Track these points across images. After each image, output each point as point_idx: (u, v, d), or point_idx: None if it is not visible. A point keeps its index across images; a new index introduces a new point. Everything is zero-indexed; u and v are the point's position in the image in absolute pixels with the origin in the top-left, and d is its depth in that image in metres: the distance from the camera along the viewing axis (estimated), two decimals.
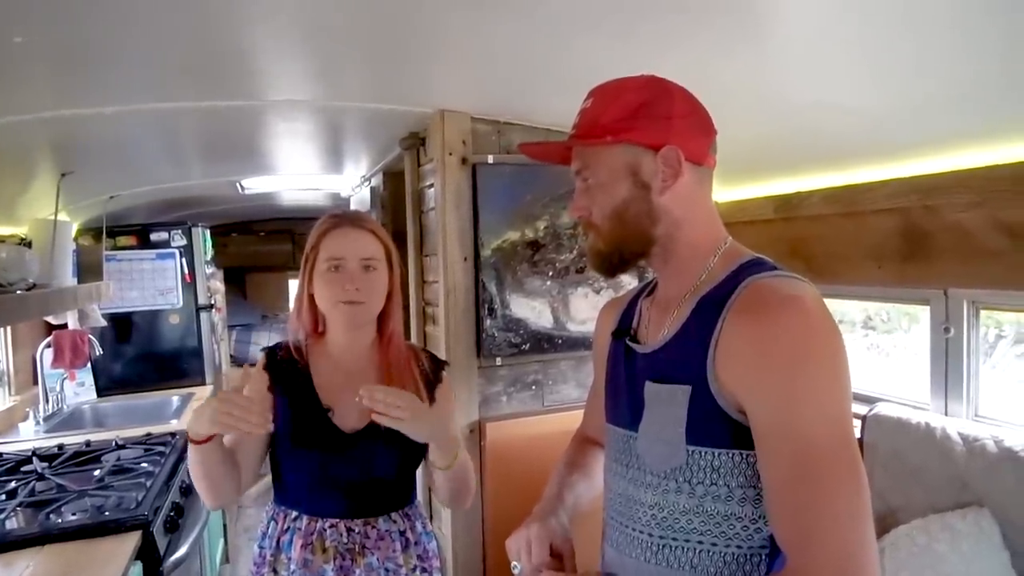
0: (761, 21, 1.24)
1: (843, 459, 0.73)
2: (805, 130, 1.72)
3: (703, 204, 0.93)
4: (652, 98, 0.87)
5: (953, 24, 1.11)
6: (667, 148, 0.86)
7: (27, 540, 1.59)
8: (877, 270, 1.86)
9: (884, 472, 1.77)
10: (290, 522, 1.31)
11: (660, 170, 0.87)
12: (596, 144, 0.89)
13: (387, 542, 1.32)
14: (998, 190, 1.47)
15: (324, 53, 1.62)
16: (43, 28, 1.24)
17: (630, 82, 0.90)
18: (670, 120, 0.87)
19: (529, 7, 1.28)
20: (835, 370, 0.77)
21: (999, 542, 1.47)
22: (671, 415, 0.85)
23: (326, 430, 1.30)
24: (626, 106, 0.87)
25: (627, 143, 0.87)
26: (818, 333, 0.77)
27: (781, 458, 0.75)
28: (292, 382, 1.34)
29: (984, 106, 1.34)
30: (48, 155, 2.18)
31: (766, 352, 0.77)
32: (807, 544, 0.72)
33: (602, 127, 0.88)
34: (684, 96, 0.90)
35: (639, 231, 0.89)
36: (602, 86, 0.92)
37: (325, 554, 1.28)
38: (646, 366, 0.92)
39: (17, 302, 1.93)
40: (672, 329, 0.90)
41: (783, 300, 0.78)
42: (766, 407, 0.77)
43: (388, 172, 3.11)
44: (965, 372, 1.75)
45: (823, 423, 0.74)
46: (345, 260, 1.30)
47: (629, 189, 0.88)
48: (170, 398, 3.18)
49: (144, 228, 3.39)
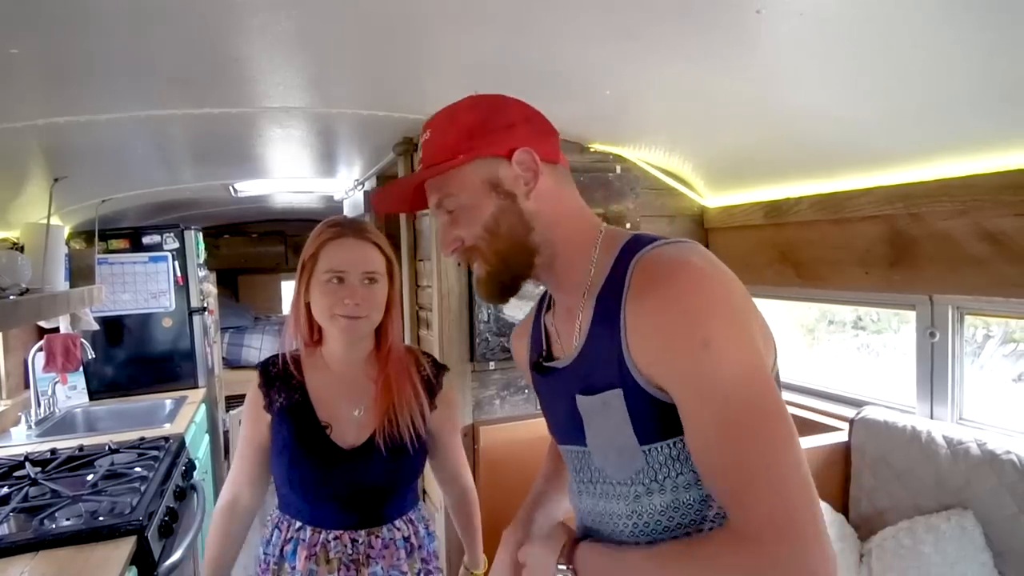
0: (751, 36, 1.26)
1: (765, 410, 0.71)
2: (793, 138, 1.75)
3: (569, 200, 0.91)
4: (487, 113, 0.86)
5: (932, 40, 1.14)
6: (520, 151, 0.84)
7: (21, 546, 1.59)
8: (864, 276, 1.89)
9: (871, 474, 1.81)
10: (293, 532, 1.31)
11: (519, 175, 0.85)
12: (447, 167, 0.86)
13: (392, 550, 1.32)
14: (980, 199, 1.51)
15: (317, 62, 1.63)
16: (37, 39, 1.24)
17: (459, 105, 0.88)
18: (512, 128, 0.85)
19: (520, 20, 1.29)
20: (737, 321, 0.74)
21: (982, 543, 1.50)
22: (614, 423, 0.82)
23: (325, 447, 1.29)
24: (464, 126, 0.85)
25: (479, 157, 0.85)
26: (710, 290, 0.75)
27: (702, 422, 0.73)
28: (289, 399, 1.33)
29: (965, 116, 1.37)
30: (41, 161, 2.18)
31: (665, 324, 0.75)
32: (745, 504, 0.70)
33: (447, 150, 0.85)
34: (518, 104, 0.89)
35: (517, 241, 0.87)
36: (434, 117, 0.90)
37: (329, 565, 1.28)
38: (570, 380, 0.89)
39: (10, 308, 1.93)
40: (582, 336, 0.88)
41: (670, 269, 0.77)
42: (678, 377, 0.75)
43: (382, 176, 3.11)
44: (950, 376, 1.78)
45: (736, 378, 0.71)
46: (347, 273, 1.27)
47: (495, 202, 0.86)
48: (163, 401, 3.18)
49: (136, 231, 3.39)
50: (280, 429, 1.32)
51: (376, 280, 1.29)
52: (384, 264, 1.31)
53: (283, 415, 1.32)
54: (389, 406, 1.31)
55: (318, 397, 1.33)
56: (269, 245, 6.13)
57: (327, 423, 1.31)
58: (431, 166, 0.87)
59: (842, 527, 1.78)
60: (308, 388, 1.34)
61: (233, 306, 5.73)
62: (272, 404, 1.33)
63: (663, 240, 0.83)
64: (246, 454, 1.36)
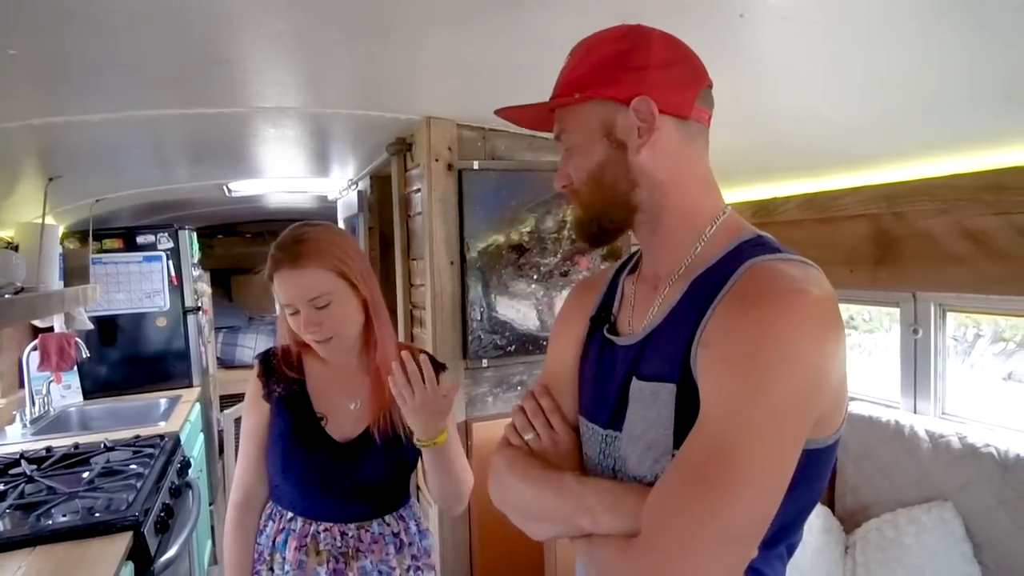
0: (735, 40, 1.29)
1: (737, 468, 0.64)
2: (780, 139, 1.78)
3: (694, 166, 0.81)
4: (628, 48, 0.78)
5: (914, 43, 1.17)
6: (638, 100, 0.76)
7: (18, 542, 1.61)
8: (849, 274, 1.92)
9: (855, 469, 1.84)
10: (285, 523, 1.33)
11: (634, 125, 0.77)
12: (564, 103, 0.82)
13: (381, 545, 1.34)
14: (962, 198, 1.54)
15: (312, 62, 1.64)
16: (33, 40, 1.26)
17: (606, 34, 0.81)
18: (645, 70, 0.77)
19: (511, 23, 1.32)
20: (799, 380, 0.66)
21: (962, 534, 1.54)
22: (655, 415, 0.75)
23: (319, 438, 1.31)
24: (598, 60, 0.79)
25: (597, 99, 0.78)
26: (806, 336, 0.66)
27: (688, 444, 0.69)
28: (287, 389, 1.35)
29: (946, 118, 1.41)
30: (35, 160, 2.19)
31: (735, 344, 0.68)
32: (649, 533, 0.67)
33: (571, 84, 0.80)
34: (666, 43, 0.80)
35: (618, 196, 0.80)
36: (580, 42, 0.84)
37: (319, 557, 1.29)
38: (628, 359, 0.82)
39: (5, 307, 1.94)
40: (660, 314, 0.80)
41: (786, 293, 0.68)
42: (708, 395, 0.69)
43: (375, 176, 3.13)
44: (932, 372, 1.82)
45: (743, 426, 0.65)
46: (295, 304, 1.25)
47: (605, 150, 0.79)
48: (157, 400, 3.20)
49: (130, 231, 3.40)
50: (277, 419, 1.34)
51: (329, 301, 1.25)
52: (331, 282, 1.25)
53: (281, 405, 1.34)
54: (383, 401, 1.32)
55: (315, 389, 1.35)
56: (263, 245, 6.05)
57: (323, 415, 1.33)
58: (554, 97, 0.83)
59: (827, 520, 1.81)
60: (306, 379, 1.36)
61: (227, 306, 5.74)
62: (271, 393, 1.35)
63: (789, 255, 0.75)
64: (250, 448, 1.37)
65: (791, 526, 0.78)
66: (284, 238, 1.29)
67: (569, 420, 0.93)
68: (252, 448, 1.37)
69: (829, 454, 0.76)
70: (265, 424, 1.36)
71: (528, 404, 0.94)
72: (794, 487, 0.68)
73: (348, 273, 1.27)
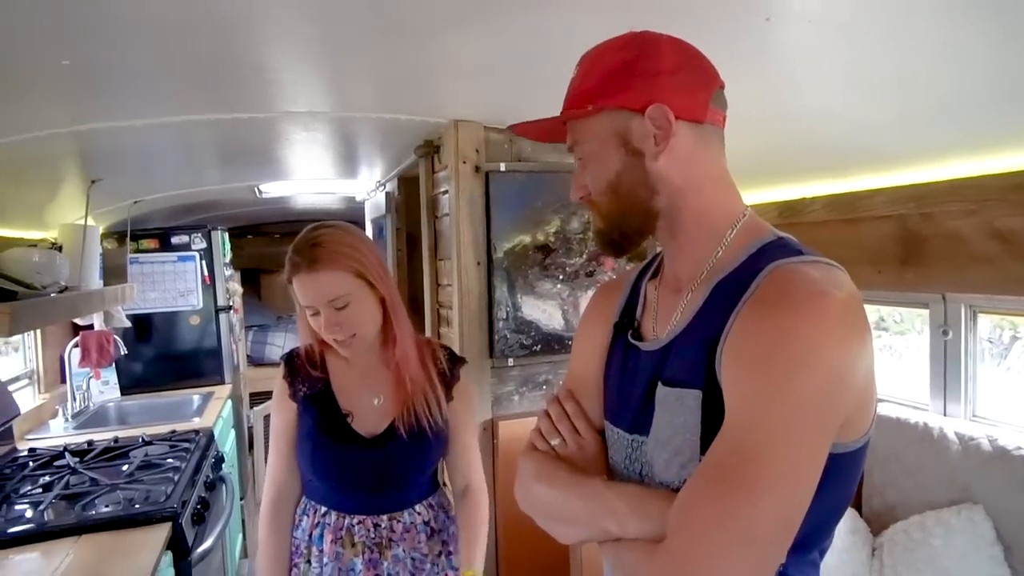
0: (762, 43, 1.30)
1: (760, 470, 0.64)
2: (806, 140, 1.78)
3: (710, 168, 0.81)
4: (635, 55, 0.78)
5: (939, 43, 1.17)
6: (653, 107, 0.76)
7: (65, 530, 1.68)
8: (877, 275, 1.91)
9: (883, 470, 1.83)
10: (320, 517, 1.38)
11: (650, 132, 0.77)
12: (576, 115, 0.81)
13: (412, 534, 1.38)
14: (989, 199, 1.53)
15: (341, 67, 1.69)
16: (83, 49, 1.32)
17: (612, 43, 0.81)
18: (656, 77, 0.76)
19: (540, 28, 1.34)
20: (821, 382, 0.66)
21: (992, 537, 1.53)
22: (682, 421, 0.75)
23: (347, 435, 1.35)
24: (606, 69, 0.79)
25: (610, 109, 0.78)
26: (828, 338, 0.66)
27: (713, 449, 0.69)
28: (312, 388, 1.39)
29: (971, 118, 1.40)
30: (79, 164, 2.27)
31: (757, 349, 0.68)
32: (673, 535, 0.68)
33: (583, 95, 0.80)
34: (675, 47, 0.79)
35: (637, 203, 0.80)
36: (587, 53, 0.83)
37: (354, 548, 1.34)
38: (652, 364, 0.82)
39: (51, 305, 2.03)
40: (683, 319, 0.80)
41: (808, 295, 0.68)
42: (731, 400, 0.69)
43: (403, 178, 3.18)
44: (963, 374, 1.80)
45: (765, 429, 0.65)
46: (315, 306, 1.28)
47: (622, 159, 0.79)
48: (191, 397, 3.28)
49: (165, 231, 3.49)
50: (304, 417, 1.38)
51: (347, 302, 1.28)
52: (349, 283, 1.28)
53: (307, 404, 1.38)
54: (406, 395, 1.36)
55: (340, 386, 1.39)
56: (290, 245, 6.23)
57: (348, 411, 1.37)
58: (566, 109, 0.82)
59: (855, 521, 1.81)
60: (330, 378, 1.40)
61: (256, 305, 5.85)
62: (297, 393, 1.39)
63: (811, 256, 0.75)
64: (281, 446, 1.41)
65: (821, 530, 0.79)
66: (300, 242, 1.31)
67: (594, 424, 0.93)
68: (282, 445, 1.41)
69: (858, 457, 0.76)
70: (293, 423, 1.40)
71: (553, 409, 0.95)
72: (822, 490, 0.67)
73: (365, 273, 1.29)
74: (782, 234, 0.80)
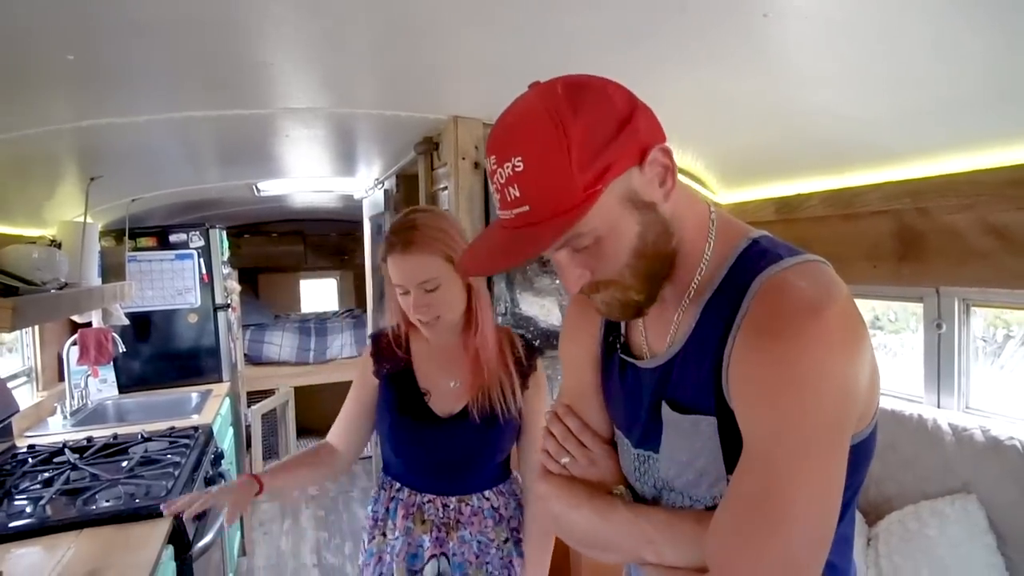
0: (759, 39, 1.32)
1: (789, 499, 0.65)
2: (803, 136, 1.80)
3: (681, 186, 0.75)
4: (596, 114, 0.68)
5: (934, 42, 1.19)
6: (653, 151, 0.70)
7: (67, 524, 1.69)
8: (873, 269, 1.93)
9: (879, 462, 1.85)
10: (394, 492, 1.45)
11: (654, 177, 0.71)
12: (585, 211, 0.67)
13: (480, 518, 1.43)
14: (985, 194, 1.55)
15: (342, 64, 1.70)
16: (88, 46, 1.33)
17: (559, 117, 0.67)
18: (630, 122, 0.69)
19: (540, 25, 1.36)
20: (832, 401, 0.67)
21: (985, 526, 1.55)
22: (701, 446, 0.75)
23: (423, 413, 1.41)
24: (582, 146, 0.66)
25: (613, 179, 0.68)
26: (829, 357, 0.66)
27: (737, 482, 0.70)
28: (394, 367, 1.45)
29: (968, 114, 1.42)
30: (79, 161, 2.28)
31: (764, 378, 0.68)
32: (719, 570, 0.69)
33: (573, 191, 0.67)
34: (609, 84, 0.72)
35: (665, 254, 0.75)
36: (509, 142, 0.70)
37: (424, 525, 1.40)
38: (654, 380, 0.81)
39: (52, 301, 2.03)
40: (679, 338, 0.78)
41: (806, 317, 0.66)
42: (748, 430, 0.70)
43: (402, 175, 3.19)
44: (956, 366, 1.82)
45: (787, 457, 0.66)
46: (406, 286, 1.33)
47: (638, 220, 0.71)
48: (189, 395, 3.29)
49: (163, 229, 3.50)
50: (385, 394, 1.45)
51: (437, 285, 1.32)
52: (439, 267, 1.31)
53: (388, 381, 1.45)
54: (482, 380, 1.40)
55: (420, 367, 1.45)
56: (289, 245, 6.25)
57: (426, 390, 1.42)
58: (559, 215, 0.67)
59: None
60: (412, 358, 1.45)
61: (254, 304, 5.84)
62: (380, 371, 1.46)
63: (794, 259, 0.72)
64: (349, 409, 1.51)
65: (843, 514, 0.79)
66: (397, 223, 1.36)
67: (600, 435, 0.92)
68: (351, 408, 1.51)
69: (870, 442, 0.78)
70: (370, 396, 1.47)
71: (556, 428, 0.93)
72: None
73: (455, 258, 1.32)
74: (754, 234, 0.79)
